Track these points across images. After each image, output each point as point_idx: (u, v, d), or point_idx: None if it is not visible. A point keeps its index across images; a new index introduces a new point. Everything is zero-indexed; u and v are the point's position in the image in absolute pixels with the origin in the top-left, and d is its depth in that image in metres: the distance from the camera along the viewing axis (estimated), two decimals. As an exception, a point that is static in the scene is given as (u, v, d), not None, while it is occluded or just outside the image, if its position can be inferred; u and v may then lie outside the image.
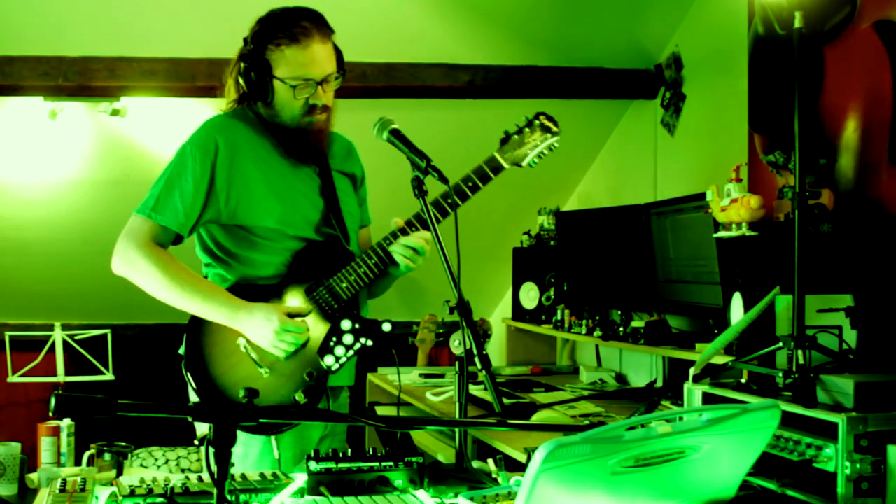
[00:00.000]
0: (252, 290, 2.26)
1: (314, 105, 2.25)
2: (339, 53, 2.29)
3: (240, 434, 2.16)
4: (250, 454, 2.22)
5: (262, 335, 2.18)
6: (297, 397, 2.21)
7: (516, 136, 2.38)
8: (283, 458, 2.22)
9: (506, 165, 2.36)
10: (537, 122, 2.39)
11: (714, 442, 1.38)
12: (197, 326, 2.24)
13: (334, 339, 2.26)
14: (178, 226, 2.21)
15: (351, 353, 2.27)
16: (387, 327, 2.26)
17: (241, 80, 2.26)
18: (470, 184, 2.31)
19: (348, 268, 2.29)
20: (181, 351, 2.29)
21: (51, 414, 1.33)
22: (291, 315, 2.20)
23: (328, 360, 2.25)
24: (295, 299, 2.27)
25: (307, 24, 2.21)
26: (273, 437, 2.20)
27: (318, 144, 2.32)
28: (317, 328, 2.25)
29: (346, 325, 2.27)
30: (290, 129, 2.28)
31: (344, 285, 2.28)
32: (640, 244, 3.65)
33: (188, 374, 2.22)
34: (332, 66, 2.26)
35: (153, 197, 2.23)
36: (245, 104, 2.33)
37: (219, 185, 2.23)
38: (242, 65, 2.25)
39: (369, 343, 2.27)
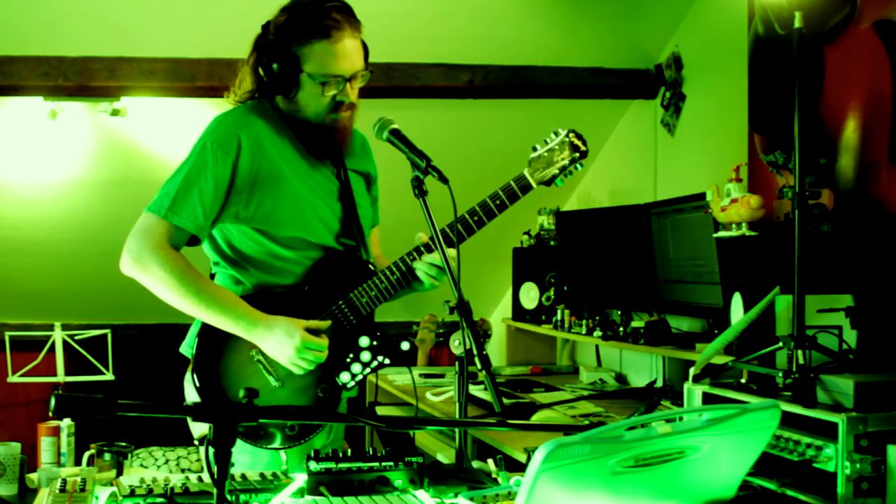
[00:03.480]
0: (269, 298, 2.18)
1: (341, 102, 2.16)
2: (365, 48, 2.20)
3: (247, 446, 2.12)
4: (257, 465, 2.13)
5: (282, 352, 2.10)
6: None
7: (545, 154, 2.26)
8: (289, 467, 2.15)
9: (534, 185, 2.26)
10: (567, 139, 2.25)
11: (714, 442, 1.38)
12: (211, 332, 2.15)
13: (351, 355, 2.19)
14: (196, 228, 2.11)
15: (368, 370, 2.19)
16: (405, 346, 2.18)
17: (261, 71, 2.15)
18: (497, 202, 2.22)
19: (370, 282, 2.21)
20: (185, 351, 2.25)
21: (51, 414, 1.33)
22: (311, 331, 2.13)
23: (344, 377, 2.18)
24: (313, 311, 2.19)
25: (338, 17, 2.11)
26: (283, 452, 2.11)
27: (340, 143, 2.24)
28: (334, 343, 2.17)
29: (364, 341, 2.19)
30: (312, 125, 2.19)
31: (364, 300, 2.21)
32: (639, 244, 3.65)
33: (194, 375, 2.14)
34: (360, 62, 2.17)
35: (168, 195, 2.09)
36: (261, 97, 2.23)
37: (239, 186, 2.13)
38: (264, 57, 2.14)
39: (387, 361, 2.20)
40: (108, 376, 4.89)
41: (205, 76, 3.67)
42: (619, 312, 3.86)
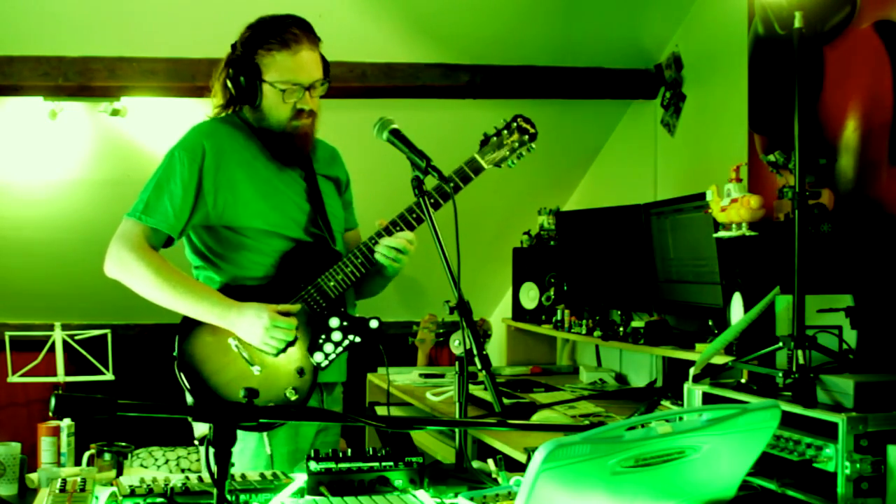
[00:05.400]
0: (242, 291, 2.31)
1: (301, 109, 2.32)
2: (325, 62, 2.36)
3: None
4: (246, 450, 2.26)
5: (253, 333, 2.23)
6: (288, 394, 2.26)
7: (495, 139, 2.41)
8: (279, 453, 2.27)
9: (486, 166, 2.39)
10: (515, 124, 2.42)
11: (714, 442, 1.38)
12: (188, 327, 2.28)
13: (323, 336, 2.32)
14: (168, 227, 2.27)
15: (340, 349, 2.33)
16: (374, 324, 2.31)
17: (229, 84, 2.33)
18: (451, 184, 2.34)
19: (336, 267, 2.35)
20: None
21: (51, 414, 1.33)
22: (281, 313, 2.25)
23: (318, 357, 2.31)
24: (284, 298, 2.31)
25: (297, 31, 2.29)
26: (265, 434, 2.25)
27: (303, 148, 2.39)
28: (306, 326, 2.30)
29: (334, 322, 2.32)
30: (276, 132, 2.35)
31: (331, 284, 2.34)
32: (640, 244, 3.65)
33: (181, 374, 2.26)
34: (319, 73, 2.33)
35: (143, 201, 2.28)
36: (232, 110, 2.40)
37: (206, 188, 2.29)
38: (231, 70, 2.32)
39: (357, 340, 2.33)
40: (108, 376, 4.89)
41: (205, 76, 3.61)
42: (619, 312, 3.86)
